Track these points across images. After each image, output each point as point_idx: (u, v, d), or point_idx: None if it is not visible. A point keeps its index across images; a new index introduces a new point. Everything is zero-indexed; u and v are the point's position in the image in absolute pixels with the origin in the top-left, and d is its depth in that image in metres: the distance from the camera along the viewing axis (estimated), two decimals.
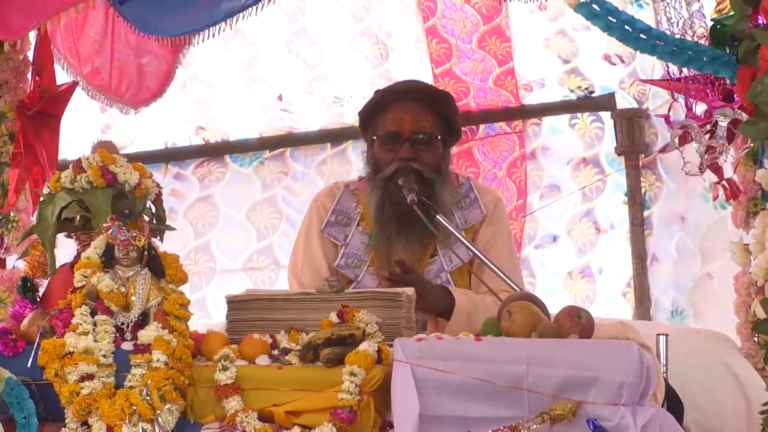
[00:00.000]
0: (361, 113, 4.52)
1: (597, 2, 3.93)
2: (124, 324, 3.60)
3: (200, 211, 7.04)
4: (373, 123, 4.46)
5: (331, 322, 3.58)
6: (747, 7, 3.87)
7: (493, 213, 4.46)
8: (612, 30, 3.97)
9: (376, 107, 4.46)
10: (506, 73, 6.58)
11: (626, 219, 6.49)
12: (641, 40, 3.98)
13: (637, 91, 6.48)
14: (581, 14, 3.95)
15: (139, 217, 3.77)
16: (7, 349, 3.59)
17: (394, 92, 4.50)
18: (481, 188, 4.57)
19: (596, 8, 3.94)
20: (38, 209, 3.94)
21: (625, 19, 3.97)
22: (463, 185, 4.51)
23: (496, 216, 4.46)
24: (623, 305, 6.51)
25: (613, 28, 3.96)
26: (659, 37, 3.98)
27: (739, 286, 4.51)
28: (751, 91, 3.80)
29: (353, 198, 4.51)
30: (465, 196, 4.48)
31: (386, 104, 4.44)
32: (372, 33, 6.61)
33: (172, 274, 3.66)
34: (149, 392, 3.43)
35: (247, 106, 6.84)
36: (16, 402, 3.49)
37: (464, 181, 4.55)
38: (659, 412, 3.31)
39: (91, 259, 3.65)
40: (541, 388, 3.28)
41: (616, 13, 3.97)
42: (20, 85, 5.04)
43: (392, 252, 4.35)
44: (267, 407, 3.46)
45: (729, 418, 4.40)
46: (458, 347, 3.40)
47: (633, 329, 3.58)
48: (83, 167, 3.88)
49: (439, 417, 3.33)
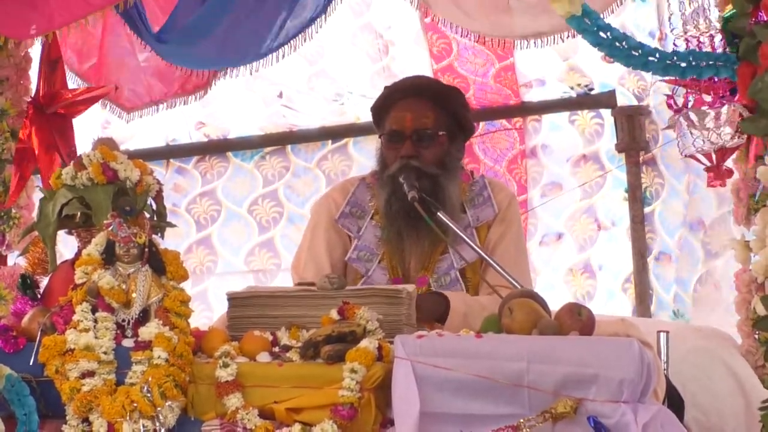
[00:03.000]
0: (372, 110, 4.55)
1: (589, 16, 3.89)
2: (125, 321, 3.60)
3: (202, 205, 7.05)
4: (381, 120, 4.48)
5: (331, 319, 3.58)
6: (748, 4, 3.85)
7: (505, 211, 4.44)
8: (602, 46, 3.91)
9: (384, 105, 4.48)
10: (506, 68, 6.57)
11: (626, 215, 6.48)
12: (633, 56, 3.91)
13: (637, 87, 6.47)
14: (572, 26, 3.91)
15: (140, 214, 3.76)
16: (8, 345, 3.59)
17: (399, 89, 4.51)
18: (495, 186, 4.54)
19: (587, 22, 3.89)
20: (39, 206, 3.93)
21: (616, 36, 3.91)
22: (477, 183, 4.50)
23: (508, 214, 4.44)
24: (623, 301, 6.50)
25: (603, 44, 3.91)
26: (651, 54, 3.93)
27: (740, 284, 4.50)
28: (751, 88, 3.78)
29: (368, 191, 4.52)
30: (478, 194, 4.46)
31: (392, 102, 4.45)
32: (372, 28, 6.60)
33: (173, 271, 3.65)
34: (150, 389, 3.43)
35: (248, 101, 6.83)
36: (17, 399, 3.48)
37: (479, 179, 4.53)
38: (660, 409, 3.30)
39: (92, 255, 3.65)
40: (541, 386, 3.28)
41: (607, 29, 3.92)
42: (21, 82, 5.04)
43: (404, 247, 4.35)
44: (268, 404, 3.45)
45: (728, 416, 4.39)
46: (459, 344, 3.39)
47: (634, 326, 3.56)
48: (84, 164, 3.87)
49: (440, 414, 3.32)
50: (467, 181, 4.48)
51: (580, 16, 3.86)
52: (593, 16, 3.89)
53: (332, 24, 5.27)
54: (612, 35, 3.89)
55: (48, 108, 5.05)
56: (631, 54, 3.90)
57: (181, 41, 5.08)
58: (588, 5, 3.91)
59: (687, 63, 3.94)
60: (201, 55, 5.15)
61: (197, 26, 5.03)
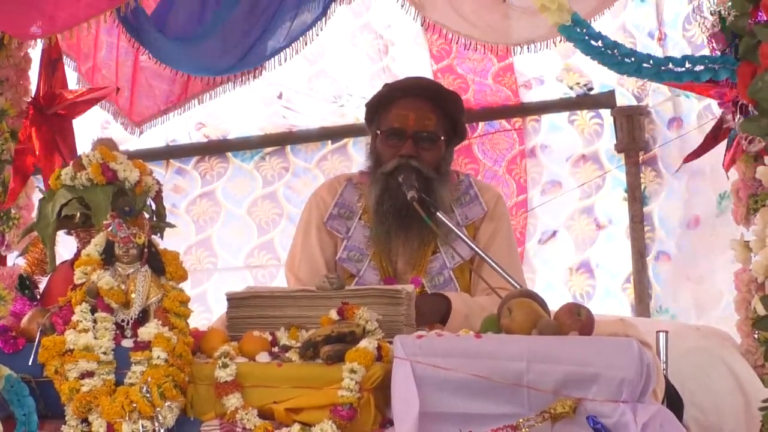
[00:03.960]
0: (368, 105, 4.52)
1: (579, 25, 3.87)
2: (125, 321, 3.60)
3: (202, 206, 7.04)
4: (378, 117, 4.45)
5: (331, 319, 3.58)
6: (747, 4, 3.84)
7: (494, 210, 4.45)
8: (594, 54, 3.89)
9: (383, 101, 4.46)
10: (505, 69, 6.57)
11: (626, 215, 6.48)
12: (626, 63, 3.89)
13: (637, 87, 6.47)
14: (563, 35, 3.89)
15: (139, 215, 3.76)
16: (8, 346, 3.58)
17: (402, 88, 4.49)
18: (482, 185, 4.56)
19: (579, 31, 3.86)
20: (38, 206, 3.93)
21: (607, 44, 3.88)
22: (462, 182, 4.50)
23: (496, 212, 4.45)
24: (623, 301, 6.50)
25: (594, 53, 3.88)
26: (644, 60, 3.90)
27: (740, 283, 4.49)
28: (751, 88, 3.77)
29: (356, 191, 4.50)
30: (465, 193, 4.47)
31: (392, 99, 4.43)
32: (372, 29, 6.59)
33: (172, 271, 3.65)
34: (149, 389, 3.42)
35: (248, 101, 6.82)
36: (17, 399, 3.48)
37: (464, 178, 4.53)
38: (660, 409, 3.30)
39: (91, 256, 3.64)
40: (541, 385, 3.27)
41: (598, 37, 3.89)
42: (21, 82, 5.03)
43: (392, 247, 4.34)
44: (267, 404, 3.45)
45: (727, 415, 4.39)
46: (458, 344, 3.39)
47: (633, 326, 3.56)
48: (83, 164, 3.87)
49: (439, 414, 3.32)
50: (453, 182, 4.48)
51: (570, 25, 3.84)
52: (583, 24, 3.87)
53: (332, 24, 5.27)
54: (604, 43, 3.87)
55: (48, 109, 5.05)
56: (624, 62, 3.88)
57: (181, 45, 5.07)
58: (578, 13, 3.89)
59: (683, 68, 3.92)
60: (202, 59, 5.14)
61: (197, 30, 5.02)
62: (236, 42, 5.05)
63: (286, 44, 5.08)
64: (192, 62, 5.20)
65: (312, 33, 5.08)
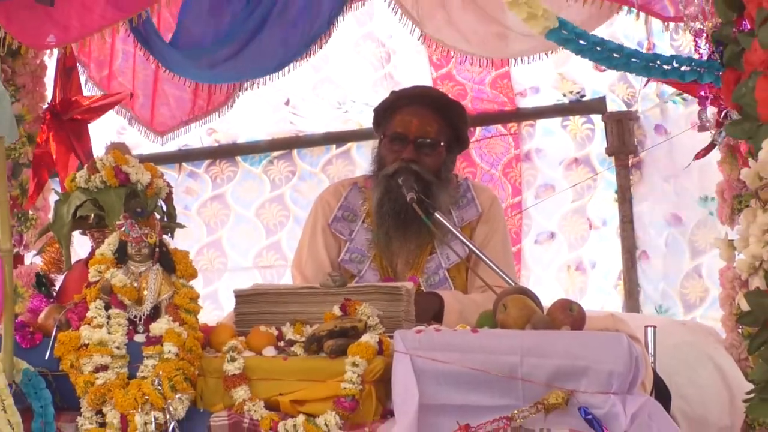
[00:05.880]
0: (375, 111, 4.54)
1: (565, 27, 3.85)
2: (137, 317, 3.59)
3: (213, 209, 7.04)
4: (384, 122, 4.47)
5: (334, 315, 3.57)
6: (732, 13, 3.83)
7: (488, 211, 4.44)
8: (584, 52, 3.88)
9: (389, 107, 4.47)
10: (502, 76, 6.56)
11: (616, 215, 6.47)
12: (614, 58, 3.88)
13: (627, 94, 6.46)
14: (552, 40, 3.88)
15: (151, 215, 3.75)
16: (25, 341, 3.57)
17: (407, 96, 4.50)
18: (478, 187, 4.56)
19: (565, 33, 3.85)
20: (54, 208, 3.92)
21: (594, 41, 3.88)
22: (461, 185, 4.50)
23: (491, 214, 4.44)
24: (614, 298, 6.49)
25: (584, 50, 3.87)
26: (632, 55, 3.90)
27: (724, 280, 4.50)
28: (735, 93, 3.76)
29: (360, 195, 4.51)
30: (462, 196, 4.47)
31: (398, 106, 4.45)
32: (375, 38, 6.59)
33: (183, 269, 3.64)
34: (161, 382, 3.42)
35: (256, 107, 6.82)
36: (34, 392, 3.48)
37: (462, 181, 4.53)
38: (648, 400, 3.29)
39: (105, 255, 3.64)
40: (534, 378, 3.27)
41: (586, 36, 3.89)
42: (37, 89, 5.04)
43: (390, 247, 4.34)
44: (273, 396, 3.44)
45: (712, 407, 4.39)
46: (456, 339, 3.38)
47: (623, 321, 3.56)
48: (97, 168, 3.86)
49: (438, 405, 3.31)
50: (452, 186, 4.47)
51: (557, 28, 3.82)
52: (569, 26, 3.86)
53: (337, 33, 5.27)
54: (591, 41, 3.87)
55: (64, 114, 5.05)
56: (612, 56, 3.87)
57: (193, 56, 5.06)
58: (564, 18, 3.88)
59: (669, 66, 3.91)
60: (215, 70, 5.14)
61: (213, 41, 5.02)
62: (252, 56, 5.06)
63: (296, 55, 5.10)
64: (201, 72, 5.20)
65: (319, 43, 5.09)
